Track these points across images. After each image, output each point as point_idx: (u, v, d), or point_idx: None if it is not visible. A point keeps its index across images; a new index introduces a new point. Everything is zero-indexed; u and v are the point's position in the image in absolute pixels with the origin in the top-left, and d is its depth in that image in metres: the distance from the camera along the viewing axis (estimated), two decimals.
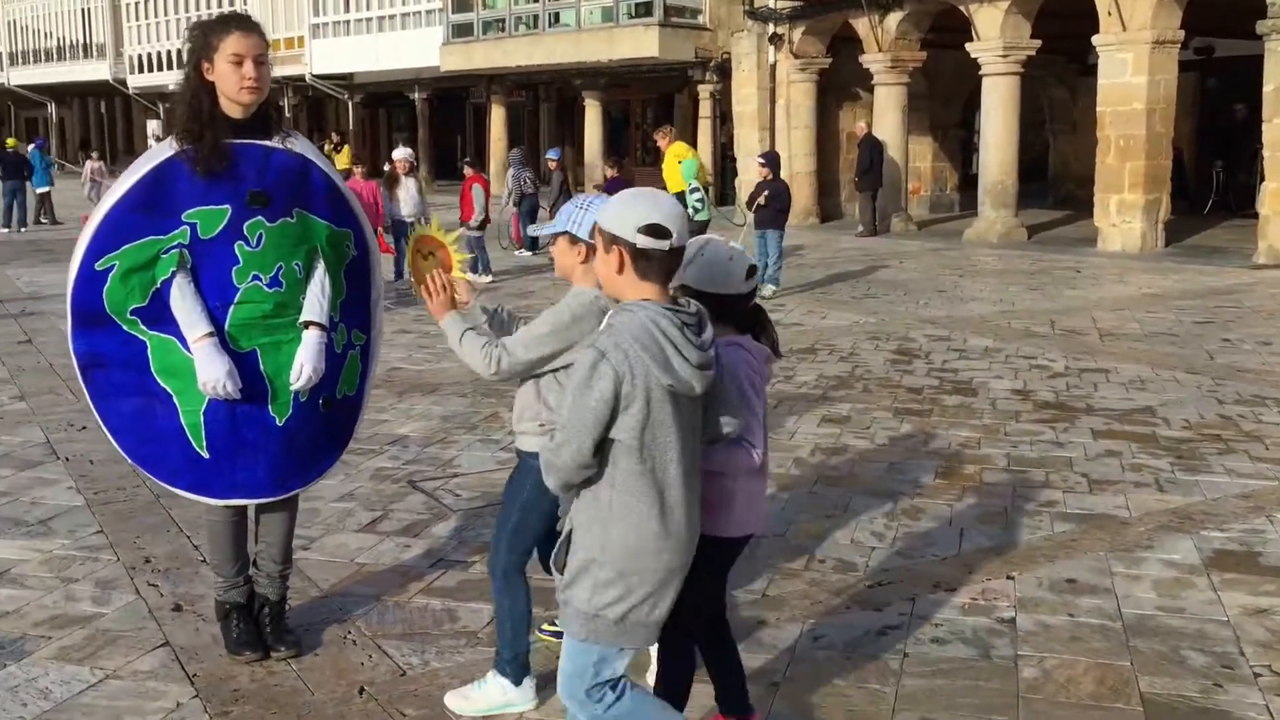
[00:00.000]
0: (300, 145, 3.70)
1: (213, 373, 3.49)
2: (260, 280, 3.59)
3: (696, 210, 13.05)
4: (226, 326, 3.57)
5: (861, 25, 18.88)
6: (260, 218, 3.56)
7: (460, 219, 13.42)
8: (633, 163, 30.82)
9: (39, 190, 22.12)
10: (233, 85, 3.50)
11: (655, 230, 2.56)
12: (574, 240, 3.20)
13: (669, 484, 2.60)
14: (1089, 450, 6.19)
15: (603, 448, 2.57)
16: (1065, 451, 6.18)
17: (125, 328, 3.56)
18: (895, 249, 16.66)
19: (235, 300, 3.57)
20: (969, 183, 24.37)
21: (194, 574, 4.54)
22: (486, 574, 3.89)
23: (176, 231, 3.52)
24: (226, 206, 3.54)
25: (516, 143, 28.81)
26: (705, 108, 25.18)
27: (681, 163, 14.13)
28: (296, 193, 3.63)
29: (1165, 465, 5.90)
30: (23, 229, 20.76)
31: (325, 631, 4.01)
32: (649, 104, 32.20)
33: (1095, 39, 15.61)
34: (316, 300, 3.65)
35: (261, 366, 3.63)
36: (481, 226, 13.58)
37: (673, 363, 2.52)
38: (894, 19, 18.46)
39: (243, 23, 3.52)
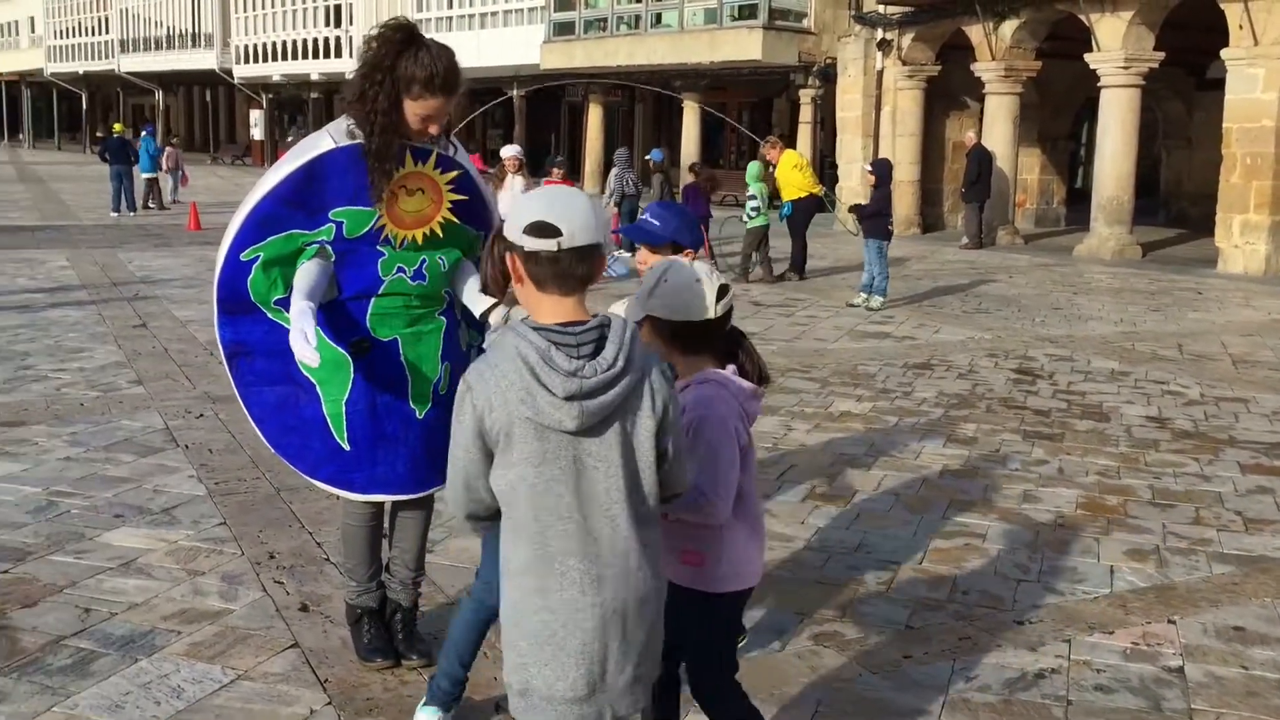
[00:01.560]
0: (460, 155, 3.67)
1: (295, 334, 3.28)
2: (404, 273, 3.56)
3: (750, 217, 13.45)
4: (368, 316, 3.52)
5: (975, 33, 18.45)
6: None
7: None
8: (727, 166, 30.69)
9: (145, 175, 22.60)
10: (413, 129, 3.44)
11: (538, 228, 2.15)
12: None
13: (551, 536, 2.16)
14: (1238, 485, 5.86)
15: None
16: (1212, 486, 5.86)
17: (270, 316, 3.52)
18: (1003, 262, 16.23)
19: (380, 292, 3.52)
20: (1075, 196, 23.78)
21: (318, 573, 4.46)
22: None
23: (322, 228, 3.46)
24: (375, 210, 3.47)
25: (612, 142, 28.82)
26: (806, 113, 24.88)
27: (748, 166, 14.23)
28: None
29: None
30: (131, 213, 21.21)
31: None
32: (745, 107, 32.00)
33: (1224, 53, 15.04)
34: (476, 293, 3.56)
35: (402, 356, 3.57)
36: None
37: (534, 394, 2.10)
38: (1009, 27, 18.00)
39: (447, 85, 3.37)
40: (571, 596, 2.16)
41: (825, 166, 24.94)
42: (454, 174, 3.59)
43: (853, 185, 20.90)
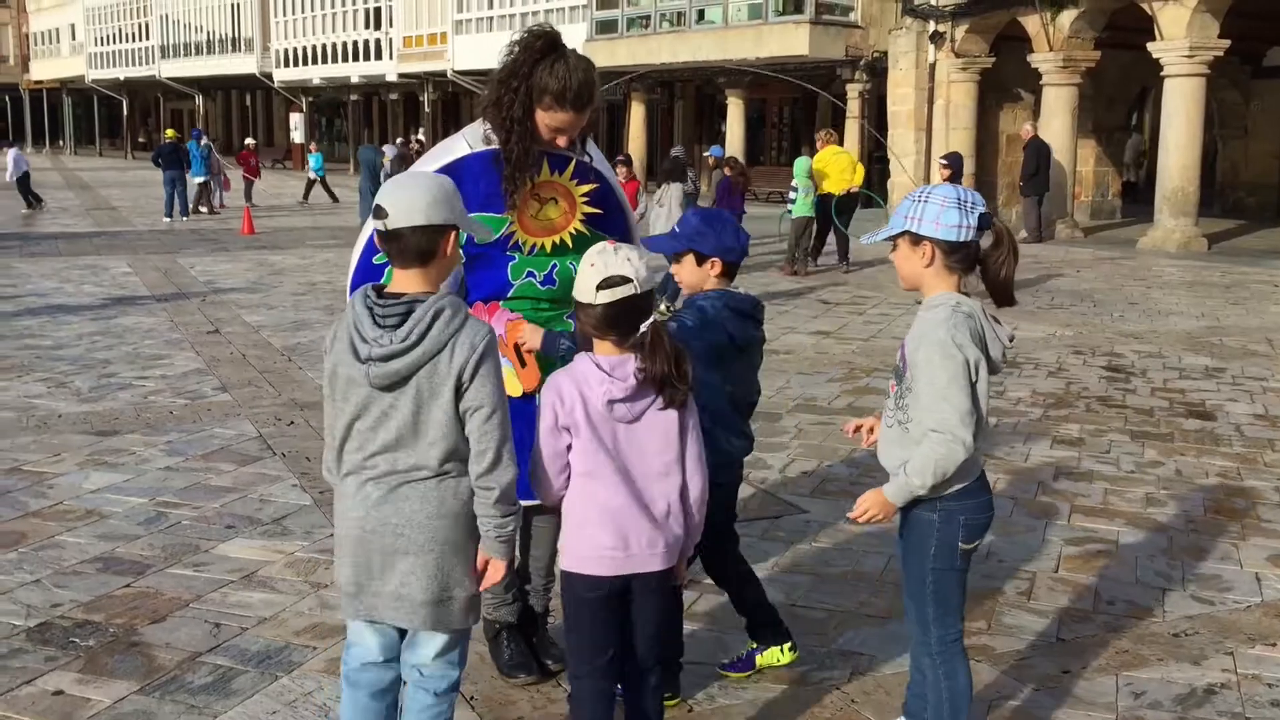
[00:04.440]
0: (595, 157, 3.59)
1: None
2: (534, 278, 3.51)
3: (791, 210, 13.86)
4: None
5: (1031, 23, 18.17)
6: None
7: None
8: (769, 162, 30.47)
9: (197, 180, 22.70)
10: (544, 138, 3.38)
11: (375, 210, 2.57)
12: (915, 240, 2.80)
13: (346, 467, 2.62)
14: None
15: None
16: None
17: None
18: (1066, 256, 15.97)
19: (508, 295, 3.47)
20: (1130, 188, 23.44)
21: None
22: None
23: None
24: (507, 216, 3.38)
25: (654, 140, 28.70)
26: (853, 107, 24.63)
27: (795, 161, 14.52)
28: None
29: None
30: (184, 218, 21.30)
31: None
32: (788, 103, 31.77)
33: None
34: None
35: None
36: None
37: (354, 345, 2.53)
38: (1067, 17, 17.72)
39: (579, 99, 3.30)
40: (344, 508, 2.63)
41: (873, 162, 24.72)
42: (590, 186, 3.50)
43: (903, 181, 20.67)
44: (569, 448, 2.68)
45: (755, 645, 3.66)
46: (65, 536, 4.81)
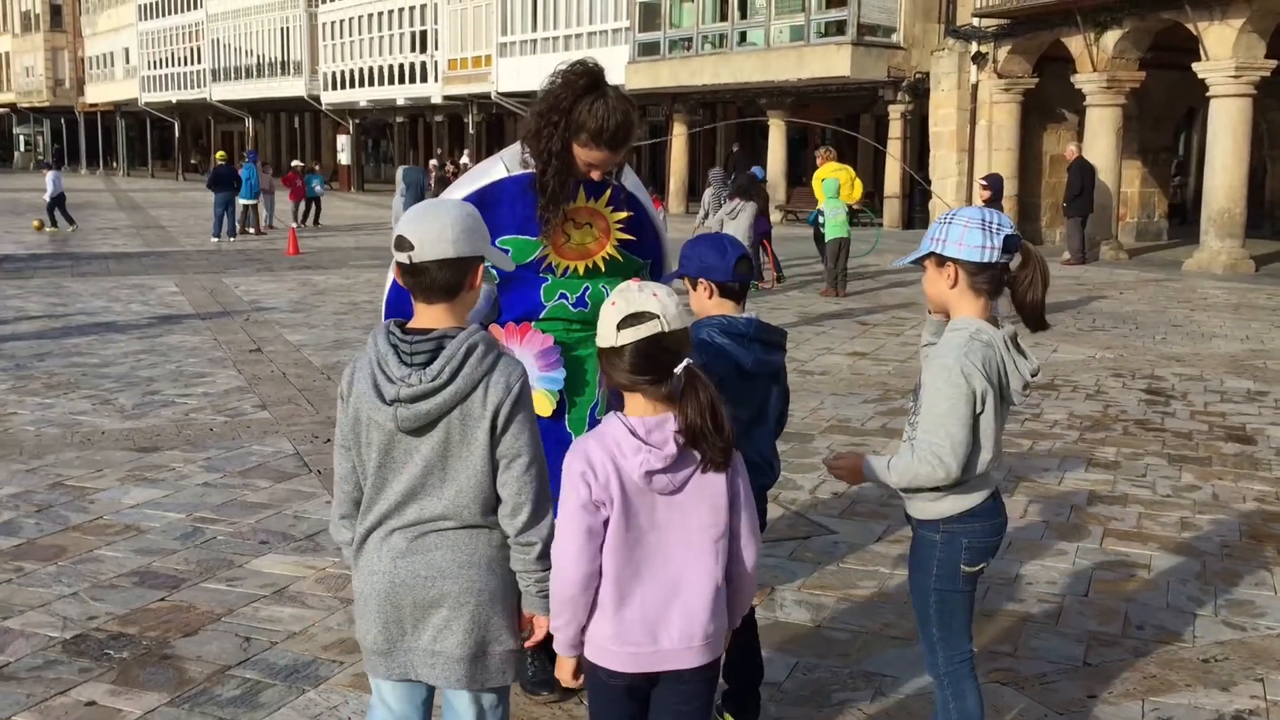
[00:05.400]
0: (631, 182, 3.64)
1: None
2: (566, 299, 3.55)
3: (825, 230, 13.77)
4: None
5: (1075, 44, 18.08)
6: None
7: None
8: (810, 183, 30.42)
9: (244, 202, 23.04)
10: (579, 169, 3.42)
11: (397, 241, 2.39)
12: (941, 261, 2.80)
13: (370, 521, 2.42)
14: None
15: None
16: None
17: None
18: (1109, 278, 15.82)
19: (540, 316, 3.52)
20: (1176, 209, 23.19)
21: None
22: (773, 616, 3.67)
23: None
24: (541, 240, 3.44)
25: (696, 162, 28.79)
26: (895, 128, 24.60)
27: (823, 181, 14.38)
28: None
29: None
30: (231, 238, 21.65)
31: None
32: (830, 124, 31.75)
33: None
34: None
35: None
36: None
37: (378, 385, 2.36)
38: (1111, 37, 17.61)
39: (615, 140, 3.33)
40: (367, 563, 2.44)
41: (915, 184, 24.66)
42: (625, 214, 3.55)
43: (947, 200, 20.59)
44: (606, 523, 2.31)
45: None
46: (104, 550, 4.91)
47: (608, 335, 2.32)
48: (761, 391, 3.27)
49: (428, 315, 2.41)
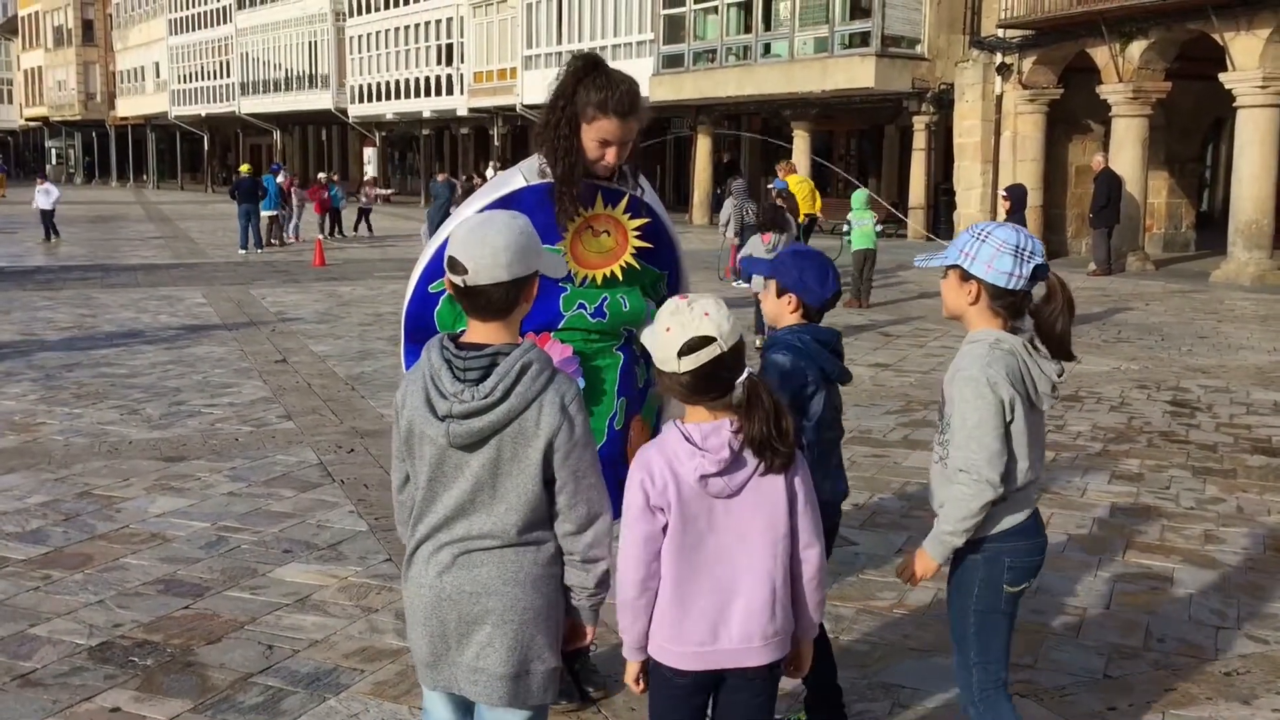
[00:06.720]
0: (649, 194, 3.67)
1: None
2: (585, 309, 3.57)
3: (848, 242, 13.88)
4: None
5: (1100, 54, 18.00)
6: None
7: None
8: (835, 194, 30.40)
9: (266, 213, 23.18)
10: (591, 157, 3.45)
11: (449, 263, 2.37)
12: (965, 276, 2.77)
13: (420, 533, 2.43)
14: None
15: None
16: None
17: None
18: (1136, 290, 15.73)
19: (559, 326, 3.54)
20: (1203, 220, 23.01)
21: None
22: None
23: None
24: (560, 248, 3.47)
25: (719, 174, 28.81)
26: (920, 139, 24.55)
27: (853, 194, 14.55)
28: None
29: None
30: (259, 250, 21.83)
31: None
32: (854, 135, 31.73)
33: None
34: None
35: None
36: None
37: (431, 400, 2.36)
38: (1137, 47, 17.53)
39: (621, 105, 3.36)
40: (416, 572, 2.45)
41: (939, 194, 24.58)
42: (642, 221, 3.58)
43: (970, 212, 20.54)
44: (665, 528, 2.36)
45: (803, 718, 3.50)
46: (130, 559, 4.97)
47: (668, 361, 2.32)
48: (835, 397, 3.36)
49: (481, 331, 2.40)
